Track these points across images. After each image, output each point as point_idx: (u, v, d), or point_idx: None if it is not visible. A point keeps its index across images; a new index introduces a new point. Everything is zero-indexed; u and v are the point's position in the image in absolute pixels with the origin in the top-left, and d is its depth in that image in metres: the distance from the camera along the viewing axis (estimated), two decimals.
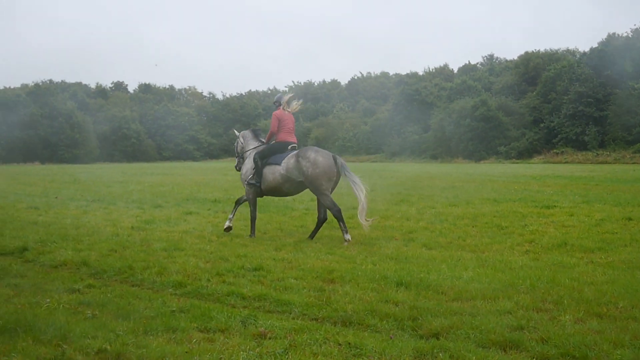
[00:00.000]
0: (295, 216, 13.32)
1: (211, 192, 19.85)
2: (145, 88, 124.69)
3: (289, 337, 5.00)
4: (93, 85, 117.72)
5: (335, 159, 10.38)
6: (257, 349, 4.75)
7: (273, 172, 10.72)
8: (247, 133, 12.01)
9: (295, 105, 11.49)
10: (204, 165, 64.29)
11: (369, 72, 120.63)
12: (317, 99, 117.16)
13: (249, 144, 11.78)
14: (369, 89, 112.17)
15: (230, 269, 7.62)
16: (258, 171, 10.93)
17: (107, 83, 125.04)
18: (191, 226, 11.65)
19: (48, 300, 6.10)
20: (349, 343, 4.85)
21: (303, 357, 4.58)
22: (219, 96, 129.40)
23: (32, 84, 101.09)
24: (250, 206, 11.13)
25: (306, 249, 9.11)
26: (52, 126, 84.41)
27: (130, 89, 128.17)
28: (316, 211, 11.06)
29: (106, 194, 19.39)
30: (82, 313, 5.70)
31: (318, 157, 10.31)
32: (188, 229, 11.30)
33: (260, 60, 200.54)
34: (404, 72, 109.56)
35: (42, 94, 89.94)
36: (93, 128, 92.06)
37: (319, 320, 5.61)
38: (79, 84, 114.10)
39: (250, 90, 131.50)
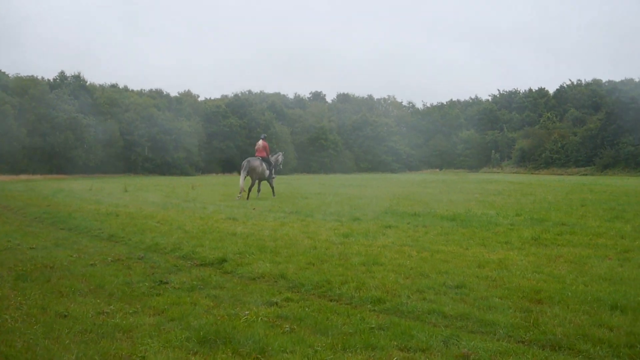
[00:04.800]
0: (500, 232, 12.89)
1: (410, 205, 19.84)
2: (344, 98, 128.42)
3: None
4: (291, 96, 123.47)
5: (247, 163, 24.17)
6: None
7: None
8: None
9: (260, 143, 25.36)
10: (402, 177, 64.78)
11: (579, 80, 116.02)
12: (522, 108, 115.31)
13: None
14: (579, 98, 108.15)
15: (431, 285, 7.66)
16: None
17: (305, 93, 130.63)
18: (390, 240, 11.72)
19: (247, 312, 6.47)
20: None
21: None
22: (419, 105, 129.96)
23: (232, 95, 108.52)
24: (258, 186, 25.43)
25: (511, 267, 8.95)
26: (250, 137, 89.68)
27: (329, 98, 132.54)
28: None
29: (303, 205, 20.15)
30: (280, 326, 5.97)
31: (242, 162, 24.76)
32: (387, 243, 11.38)
33: (460, 68, 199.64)
34: (618, 79, 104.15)
35: (241, 105, 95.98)
36: (291, 139, 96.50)
37: (526, 343, 5.58)
38: (277, 94, 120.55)
39: (451, 99, 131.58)
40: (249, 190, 24.20)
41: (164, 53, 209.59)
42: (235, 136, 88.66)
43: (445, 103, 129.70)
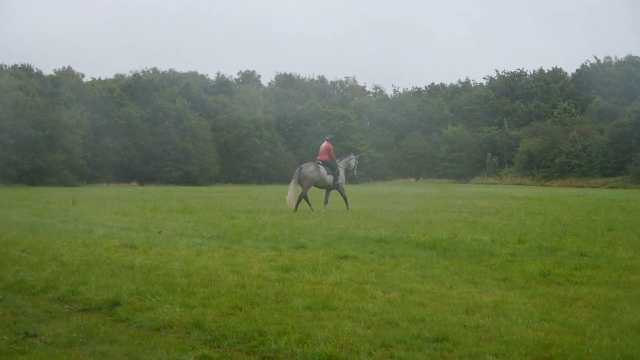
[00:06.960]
0: (496, 265, 13.01)
1: (375, 227, 19.91)
2: (285, 80, 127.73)
3: None
4: (212, 76, 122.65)
5: (298, 169, 28.56)
6: None
7: None
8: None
9: (324, 145, 29.14)
10: (365, 190, 64.96)
11: (608, 57, 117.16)
12: (529, 95, 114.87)
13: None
14: (607, 81, 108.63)
15: (402, 338, 7.69)
16: None
17: (231, 73, 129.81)
18: (346, 276, 11.77)
19: None
20: None
21: None
22: (389, 91, 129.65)
23: (130, 74, 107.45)
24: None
25: (511, 313, 9.01)
26: (155, 133, 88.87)
27: (265, 80, 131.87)
28: None
29: (228, 228, 20.08)
30: None
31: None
32: (342, 279, 11.43)
33: (445, 40, 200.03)
34: None
35: (143, 88, 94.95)
36: (212, 136, 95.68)
37: None
38: (194, 74, 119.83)
39: (432, 83, 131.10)
40: (298, 200, 27.58)
41: (33, 13, 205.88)
42: (135, 132, 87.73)
43: (424, 88, 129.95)
